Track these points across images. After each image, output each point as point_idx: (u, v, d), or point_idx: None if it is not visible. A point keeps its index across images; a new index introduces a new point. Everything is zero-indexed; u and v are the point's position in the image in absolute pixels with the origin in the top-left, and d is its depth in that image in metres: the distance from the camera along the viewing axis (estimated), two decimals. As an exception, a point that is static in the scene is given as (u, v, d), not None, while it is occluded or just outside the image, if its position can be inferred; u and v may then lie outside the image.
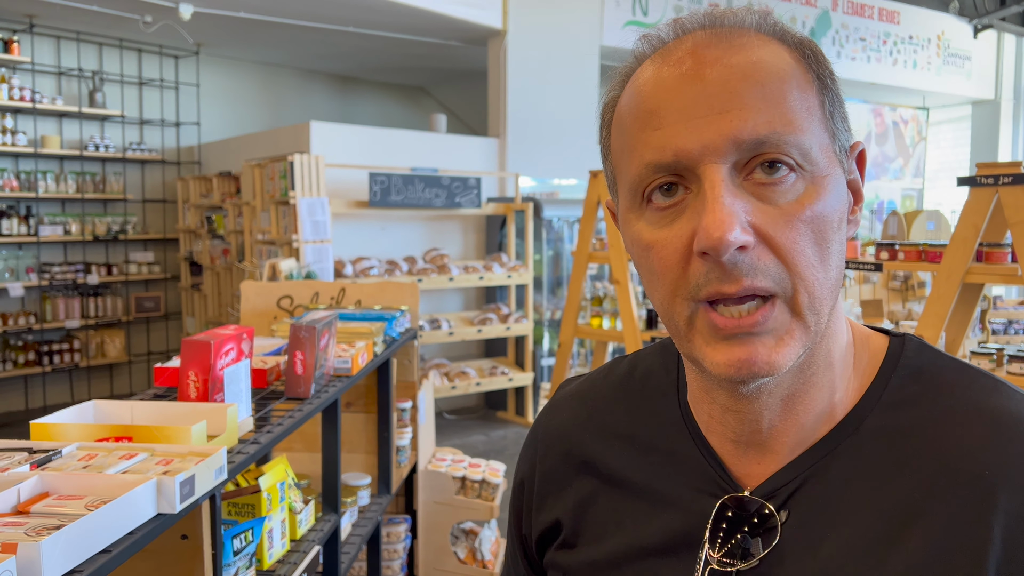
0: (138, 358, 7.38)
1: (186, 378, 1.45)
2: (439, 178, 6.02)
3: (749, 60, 0.57)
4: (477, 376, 6.20)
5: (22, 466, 1.11)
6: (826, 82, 0.60)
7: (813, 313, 0.57)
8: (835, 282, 0.59)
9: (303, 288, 2.82)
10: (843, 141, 0.61)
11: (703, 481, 0.66)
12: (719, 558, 0.62)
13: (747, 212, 0.56)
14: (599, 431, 0.74)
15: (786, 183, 0.56)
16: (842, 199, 0.60)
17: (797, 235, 0.56)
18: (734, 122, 0.56)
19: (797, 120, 0.57)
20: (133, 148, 7.12)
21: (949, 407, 0.61)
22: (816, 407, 0.63)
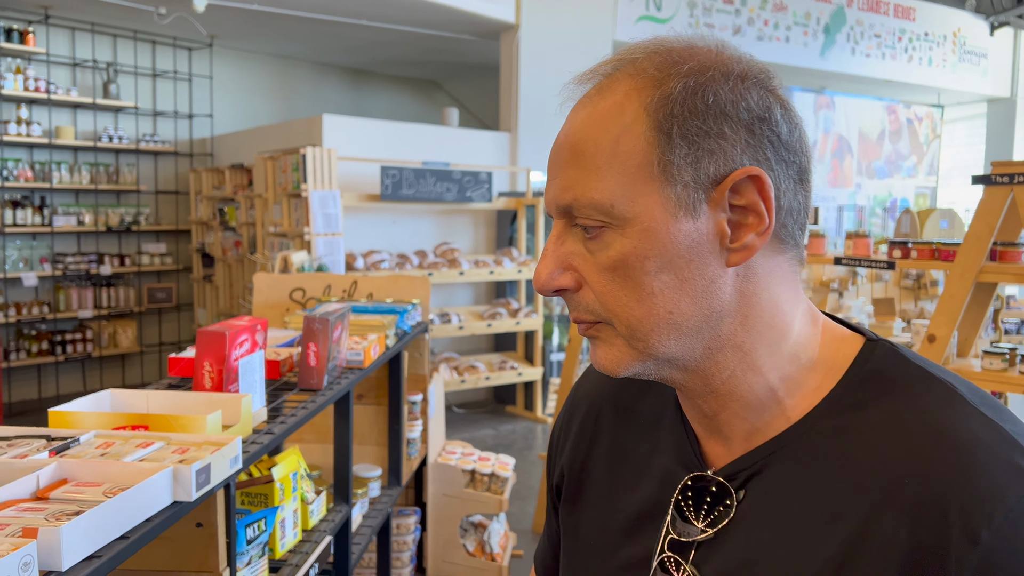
0: (150, 348, 7.43)
1: (201, 368, 1.46)
2: (450, 172, 6.03)
3: (577, 128, 0.66)
4: (486, 370, 6.21)
5: (41, 453, 1.12)
6: (668, 128, 0.63)
7: (637, 340, 0.66)
8: (671, 314, 0.65)
9: (315, 280, 2.84)
10: (689, 180, 0.63)
11: (682, 458, 0.74)
12: (685, 519, 0.71)
13: (572, 259, 0.67)
14: (616, 403, 0.84)
15: (600, 238, 0.65)
16: (673, 239, 0.64)
17: (607, 281, 0.65)
18: (553, 190, 0.67)
19: (600, 184, 0.64)
20: (146, 140, 7.16)
21: (895, 413, 0.64)
22: (754, 403, 0.69)
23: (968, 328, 2.95)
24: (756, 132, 0.64)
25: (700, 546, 0.69)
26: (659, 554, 0.71)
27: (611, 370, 0.68)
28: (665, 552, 0.71)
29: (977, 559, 0.56)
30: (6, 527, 0.89)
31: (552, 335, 6.66)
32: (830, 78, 9.55)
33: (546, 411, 6.50)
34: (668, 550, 0.71)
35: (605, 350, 0.68)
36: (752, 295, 0.67)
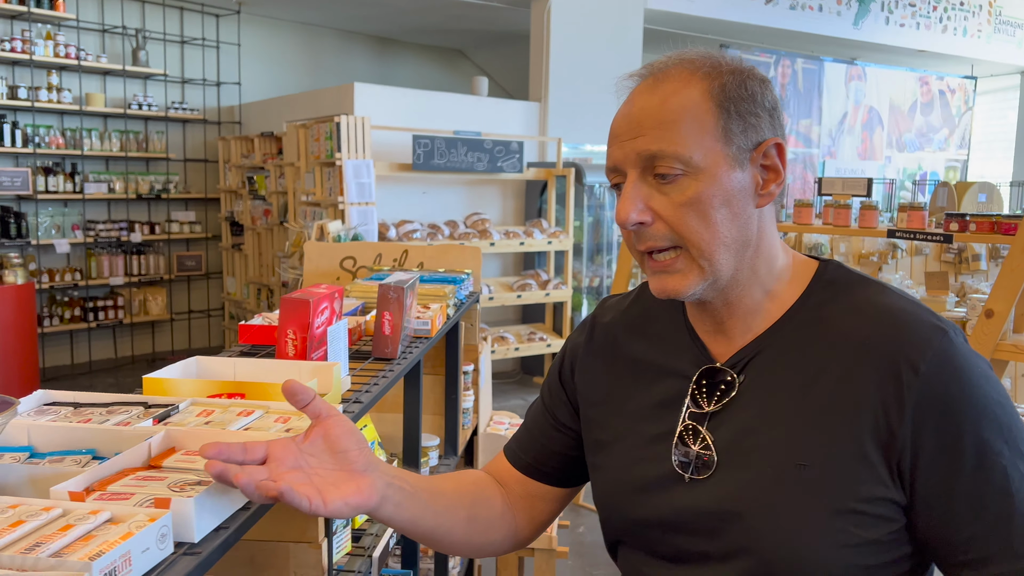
0: (179, 316, 7.46)
1: (284, 336, 1.45)
2: (482, 142, 5.97)
3: (658, 101, 0.90)
4: (515, 341, 6.20)
5: (144, 421, 1.11)
6: (726, 107, 0.89)
7: (705, 260, 0.90)
8: (726, 239, 0.89)
9: (366, 249, 2.81)
10: (742, 144, 0.90)
11: (692, 357, 0.99)
12: (697, 406, 0.96)
13: (649, 200, 0.90)
14: (629, 329, 1.08)
15: (674, 182, 0.88)
16: (731, 185, 0.89)
17: (681, 214, 0.89)
18: (638, 143, 0.90)
19: (681, 140, 0.88)
20: (175, 107, 7.13)
21: (849, 302, 0.93)
22: (753, 308, 0.95)
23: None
24: (773, 116, 0.93)
25: (712, 418, 0.94)
26: (681, 423, 0.96)
27: (681, 293, 0.91)
28: (686, 422, 0.96)
29: (920, 383, 0.85)
30: (132, 496, 0.87)
31: (581, 307, 6.63)
32: (863, 48, 9.37)
33: (575, 383, 6.49)
34: (688, 420, 0.95)
35: (678, 277, 0.91)
36: (763, 230, 0.94)
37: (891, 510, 0.86)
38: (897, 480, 0.86)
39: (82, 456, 1.03)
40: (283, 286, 6.24)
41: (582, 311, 6.64)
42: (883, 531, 0.86)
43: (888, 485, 0.85)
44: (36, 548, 0.72)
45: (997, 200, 5.92)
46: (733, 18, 7.61)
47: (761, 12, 7.80)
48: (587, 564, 3.56)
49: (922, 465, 0.84)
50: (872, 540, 0.86)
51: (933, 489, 0.85)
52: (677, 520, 0.94)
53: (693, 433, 0.95)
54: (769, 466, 0.89)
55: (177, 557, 0.79)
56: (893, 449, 0.85)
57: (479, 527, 1.09)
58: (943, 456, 0.84)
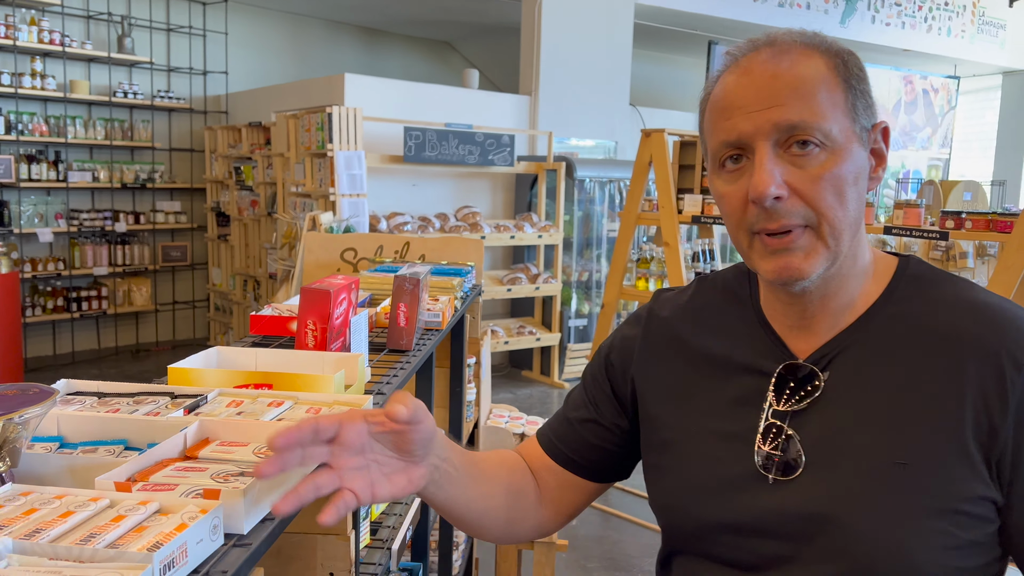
0: (164, 307, 7.38)
1: (304, 326, 1.43)
2: (473, 134, 5.95)
3: (791, 71, 0.85)
4: (505, 335, 6.20)
5: (175, 411, 1.09)
6: (851, 83, 0.86)
7: (833, 239, 0.85)
8: (852, 219, 0.86)
9: (367, 241, 2.80)
10: (864, 123, 0.87)
11: (770, 353, 0.95)
12: (778, 404, 0.91)
13: (783, 174, 0.84)
14: (692, 323, 1.03)
15: (812, 155, 0.84)
16: (858, 163, 0.86)
17: (819, 188, 0.84)
18: (776, 113, 0.84)
19: (821, 112, 0.84)
20: (161, 96, 7.04)
21: (938, 298, 0.90)
22: (842, 302, 0.91)
23: (1020, 300, 2.93)
24: (873, 98, 0.90)
25: (795, 416, 0.90)
26: (764, 420, 0.91)
27: (807, 273, 0.86)
28: (769, 420, 0.91)
29: (1023, 378, 0.82)
30: (176, 487, 0.86)
31: (570, 301, 6.64)
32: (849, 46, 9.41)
33: (562, 376, 6.50)
34: (771, 418, 0.91)
35: (803, 256, 0.86)
36: (862, 219, 0.90)
37: (990, 510, 0.83)
38: (996, 479, 0.83)
39: (115, 446, 1.02)
40: (271, 277, 6.19)
41: (571, 305, 6.65)
42: (983, 532, 0.83)
43: (988, 484, 0.82)
44: (91, 539, 0.71)
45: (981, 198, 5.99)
46: (722, 14, 7.63)
47: (750, 8, 7.83)
48: (581, 557, 3.57)
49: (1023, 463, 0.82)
50: (972, 541, 0.83)
51: None
52: (758, 523, 0.89)
53: (776, 432, 0.90)
54: (866, 466, 0.84)
55: (228, 549, 0.79)
56: (995, 447, 0.82)
57: (514, 515, 1.07)
58: None
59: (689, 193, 3.91)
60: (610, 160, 6.96)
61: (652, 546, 3.68)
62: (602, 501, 4.14)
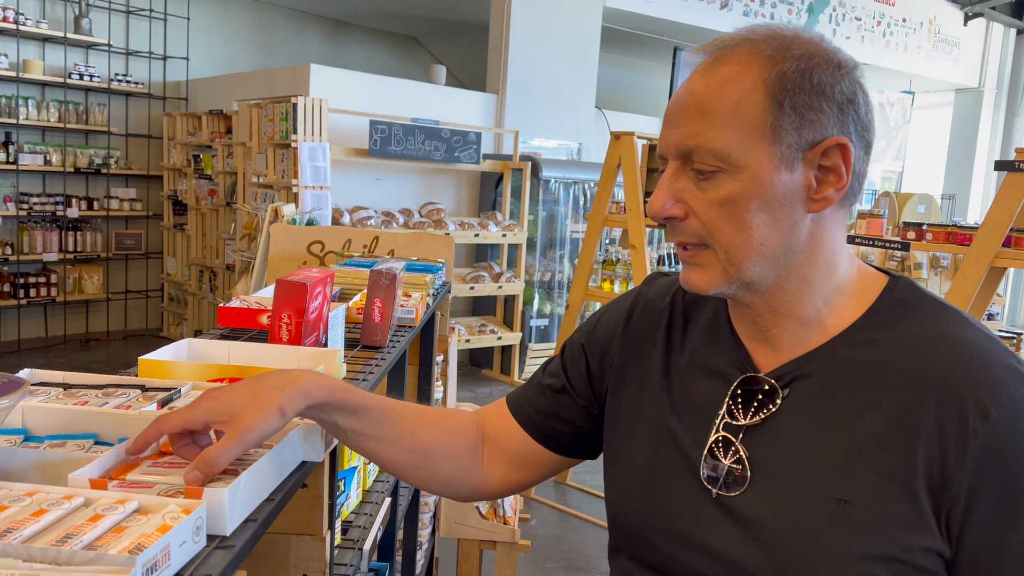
0: (116, 296, 7.19)
1: (278, 320, 1.39)
2: (440, 130, 5.91)
3: (705, 89, 0.82)
4: (466, 333, 6.17)
5: (148, 405, 1.05)
6: (781, 99, 0.79)
7: (731, 264, 0.83)
8: (758, 245, 0.82)
9: (335, 234, 2.75)
10: (792, 141, 0.80)
11: (733, 361, 0.91)
12: (733, 416, 0.88)
13: (682, 194, 0.83)
14: (673, 317, 1.00)
15: (711, 179, 0.81)
16: (776, 188, 0.80)
17: (715, 214, 0.82)
18: (676, 135, 0.83)
19: (721, 135, 0.80)
20: (118, 79, 6.85)
21: (919, 329, 0.83)
22: (803, 321, 0.87)
23: (976, 312, 3.00)
24: (844, 110, 0.81)
25: (748, 431, 0.86)
26: (714, 433, 0.88)
27: (702, 289, 0.85)
28: (720, 433, 0.88)
29: (988, 429, 0.76)
30: (154, 485, 0.83)
31: (532, 301, 6.64)
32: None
33: (522, 376, 6.50)
34: (722, 430, 0.88)
35: (700, 273, 0.85)
36: (819, 237, 0.84)
37: (934, 563, 0.78)
38: (945, 531, 0.77)
39: (84, 441, 0.97)
40: (228, 269, 6.06)
41: (533, 305, 6.64)
42: None
43: (935, 535, 0.77)
44: (68, 540, 0.67)
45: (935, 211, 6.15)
46: (689, 21, 7.70)
47: (716, 16, 7.91)
48: (539, 557, 3.57)
49: (975, 519, 0.76)
50: None
51: (984, 546, 0.77)
52: (694, 537, 0.87)
53: (724, 444, 0.87)
54: (807, 496, 0.80)
55: (211, 551, 0.75)
56: (946, 497, 0.76)
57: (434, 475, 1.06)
58: (1000, 512, 0.76)
59: (657, 197, 3.92)
60: (575, 162, 6.97)
61: (611, 547, 3.68)
62: (560, 501, 4.14)
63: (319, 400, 0.92)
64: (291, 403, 0.88)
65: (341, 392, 0.95)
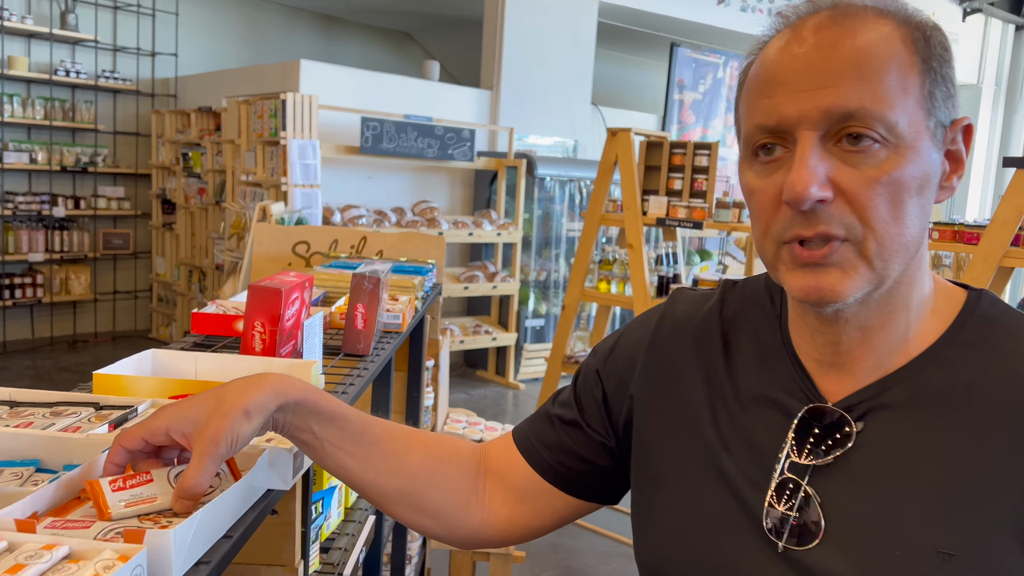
0: (104, 296, 7.07)
1: (251, 328, 1.29)
2: (432, 127, 5.81)
3: (855, 44, 0.67)
4: (461, 334, 6.07)
5: (99, 427, 0.95)
6: (931, 64, 0.68)
7: (880, 259, 0.68)
8: (910, 238, 0.68)
9: (321, 234, 2.65)
10: (941, 117, 0.69)
11: (793, 390, 0.77)
12: (798, 454, 0.74)
13: (830, 171, 0.67)
14: (710, 338, 0.85)
15: (869, 151, 0.66)
16: (927, 168, 0.68)
17: (873, 194, 0.66)
18: (829, 97, 0.66)
19: (887, 99, 0.66)
20: (106, 76, 6.74)
21: (1012, 350, 0.72)
22: (890, 340, 0.74)
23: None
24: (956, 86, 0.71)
25: (817, 472, 0.73)
26: (779, 475, 0.75)
27: (844, 297, 0.69)
28: (785, 474, 0.74)
29: None
30: (92, 524, 0.73)
31: (528, 301, 6.54)
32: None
33: (518, 376, 6.40)
34: (787, 471, 0.74)
35: (841, 276, 0.69)
36: (925, 236, 0.72)
37: None
38: None
39: (24, 468, 0.87)
40: (217, 268, 5.95)
41: (529, 305, 6.55)
42: None
43: None
44: (-23, 599, 0.57)
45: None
46: (686, 16, 7.61)
47: (713, 12, 7.82)
48: (535, 567, 3.47)
49: None
50: None
51: None
52: None
53: (792, 488, 0.73)
54: (900, 550, 0.68)
55: (153, 604, 0.65)
56: None
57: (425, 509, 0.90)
58: None
59: (654, 195, 3.83)
60: (571, 159, 6.87)
61: (609, 554, 3.59)
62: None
63: (291, 399, 0.81)
64: (258, 404, 0.78)
65: (316, 395, 0.84)
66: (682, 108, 8.18)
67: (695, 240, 7.19)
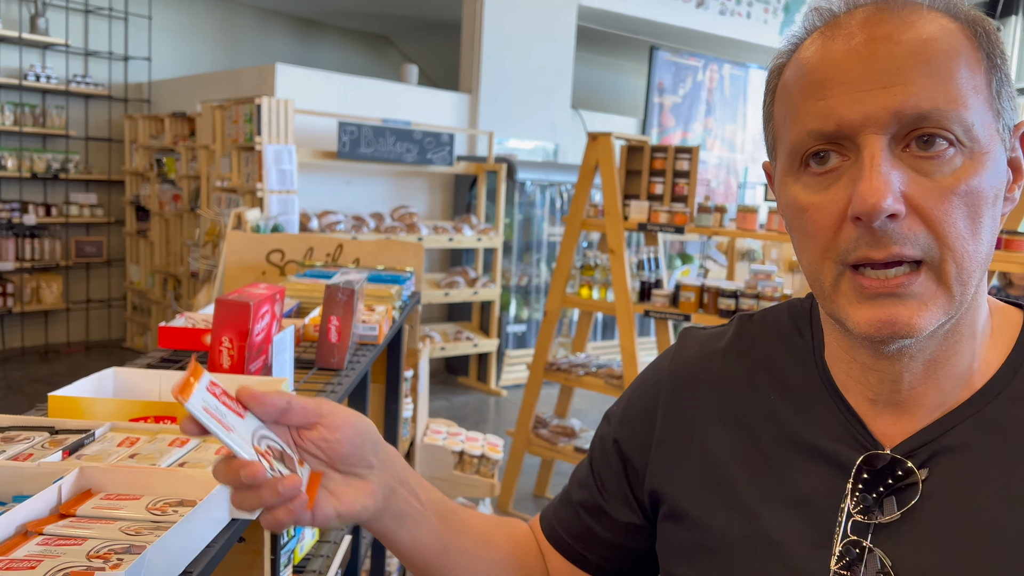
0: (76, 305, 6.94)
1: (219, 344, 1.24)
2: (411, 132, 5.75)
3: (918, 37, 0.59)
4: (441, 340, 6.01)
5: (53, 453, 0.89)
6: (996, 61, 0.61)
7: (959, 284, 0.60)
8: (985, 255, 0.61)
9: (296, 242, 2.59)
10: (1007, 120, 0.62)
11: (843, 436, 0.68)
12: (858, 511, 0.65)
13: (902, 183, 0.58)
14: (732, 382, 0.76)
15: (943, 157, 0.58)
16: (1000, 176, 0.61)
17: (950, 208, 0.58)
18: (898, 96, 0.58)
19: (961, 97, 0.58)
20: (77, 81, 6.62)
21: None
22: (956, 373, 0.65)
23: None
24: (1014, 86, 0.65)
25: (880, 530, 0.64)
26: (843, 539, 0.65)
27: (918, 329, 0.59)
28: (849, 536, 0.65)
29: None
30: (38, 565, 0.67)
31: (509, 306, 6.49)
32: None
33: (500, 383, 6.35)
34: (850, 532, 0.65)
35: (916, 307, 0.59)
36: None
37: None
38: None
39: (-33, 502, 0.82)
40: (192, 276, 5.86)
41: (510, 311, 6.50)
42: None
43: None
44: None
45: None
46: (665, 20, 7.60)
47: (692, 15, 7.82)
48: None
49: None
50: None
51: None
52: None
53: (859, 552, 0.64)
54: None
55: (100, 655, 0.60)
56: None
57: None
58: None
59: (635, 199, 3.80)
60: (552, 163, 6.84)
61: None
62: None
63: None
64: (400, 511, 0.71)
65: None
66: (662, 112, 8.17)
67: (676, 244, 7.18)
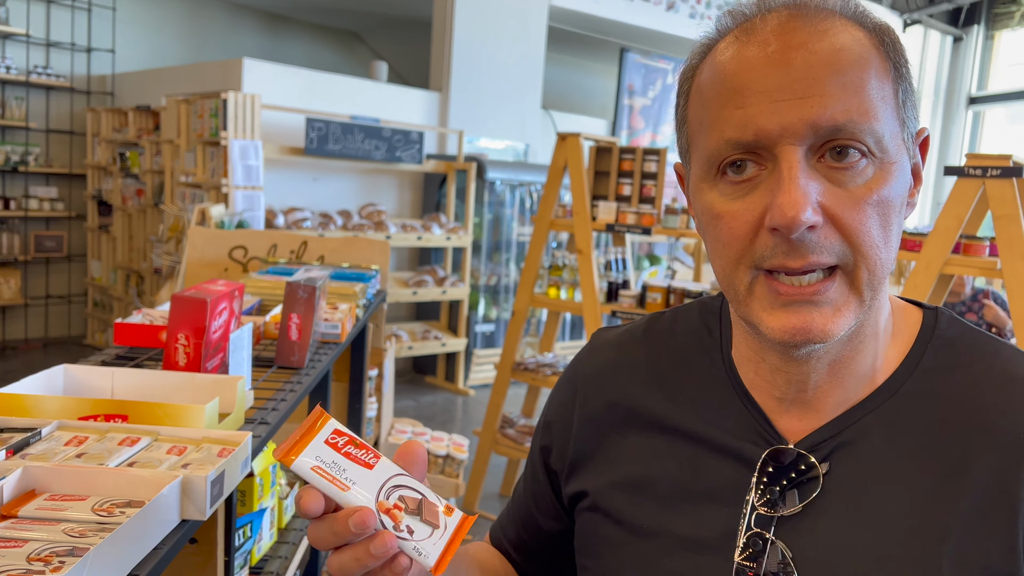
0: (35, 301, 6.80)
1: (174, 341, 1.21)
2: (380, 129, 5.71)
3: (831, 47, 0.60)
4: (409, 340, 5.98)
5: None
6: (902, 71, 0.63)
7: (870, 289, 0.62)
8: (893, 260, 0.63)
9: (259, 239, 2.55)
10: (911, 128, 0.64)
11: (748, 433, 0.70)
12: (763, 504, 0.67)
13: (818, 193, 0.60)
14: (643, 381, 0.77)
15: (856, 168, 0.60)
16: (906, 184, 0.64)
17: (864, 217, 0.60)
18: (814, 108, 0.59)
19: (873, 109, 0.60)
20: (38, 72, 6.48)
21: (983, 373, 0.67)
22: (859, 372, 0.68)
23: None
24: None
25: (783, 523, 0.66)
26: (747, 531, 0.67)
27: (831, 334, 0.61)
28: (752, 528, 0.67)
29: None
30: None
31: (478, 306, 6.48)
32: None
33: (467, 383, 6.33)
34: (754, 525, 0.67)
35: (830, 314, 0.61)
36: None
37: None
38: None
39: (-98, 503, 0.79)
40: (156, 273, 5.76)
41: (479, 310, 6.48)
42: None
43: None
44: None
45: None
46: (635, 22, 7.63)
47: (662, 18, 7.87)
48: None
49: None
50: None
51: None
52: None
53: (762, 544, 0.66)
54: None
55: (36, 662, 0.58)
56: None
57: None
58: None
59: (604, 200, 3.81)
60: (522, 163, 6.83)
61: None
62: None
63: None
64: None
65: None
66: (632, 113, 8.21)
67: (644, 245, 7.22)
